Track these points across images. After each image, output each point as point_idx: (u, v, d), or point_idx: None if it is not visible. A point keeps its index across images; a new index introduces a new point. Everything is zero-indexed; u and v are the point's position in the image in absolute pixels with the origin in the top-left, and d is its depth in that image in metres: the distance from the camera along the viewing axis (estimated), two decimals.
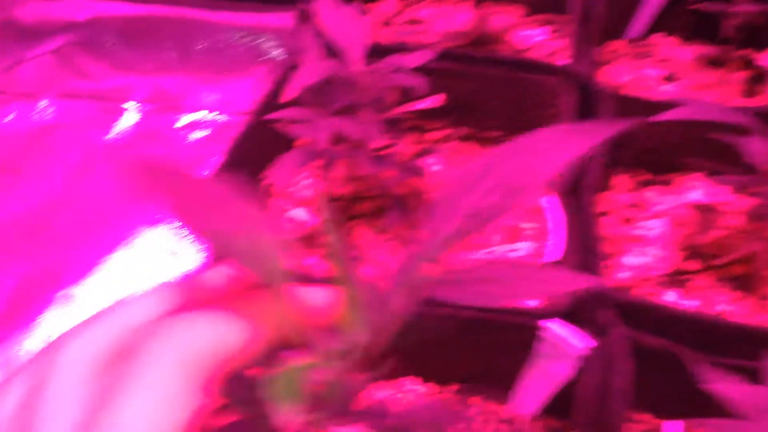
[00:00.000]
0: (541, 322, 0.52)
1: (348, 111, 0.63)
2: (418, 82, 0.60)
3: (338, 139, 0.63)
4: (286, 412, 0.28)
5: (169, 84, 1.19)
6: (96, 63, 1.20)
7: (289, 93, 0.58)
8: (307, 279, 0.30)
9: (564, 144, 0.26)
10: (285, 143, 0.78)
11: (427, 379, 0.60)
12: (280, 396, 0.28)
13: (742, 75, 0.88)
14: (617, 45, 0.94)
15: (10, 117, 1.17)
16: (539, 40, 0.92)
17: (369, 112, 0.63)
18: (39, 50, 1.21)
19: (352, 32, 0.61)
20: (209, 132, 1.17)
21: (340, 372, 0.32)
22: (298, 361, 0.27)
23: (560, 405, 0.55)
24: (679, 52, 0.92)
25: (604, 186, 0.74)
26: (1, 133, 1.14)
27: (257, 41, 1.17)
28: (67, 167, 1.08)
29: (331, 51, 0.63)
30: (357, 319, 0.29)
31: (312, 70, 0.58)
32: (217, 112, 1.19)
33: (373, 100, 0.64)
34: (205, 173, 1.01)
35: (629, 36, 0.94)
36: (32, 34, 1.20)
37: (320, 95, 0.62)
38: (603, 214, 0.71)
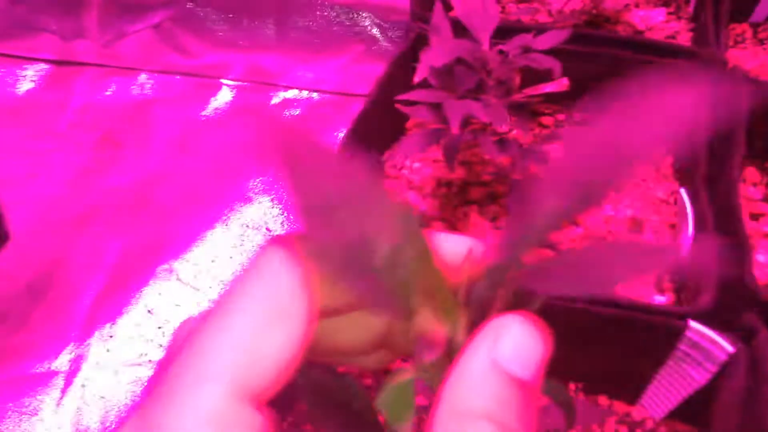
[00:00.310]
0: (682, 322, 0.49)
1: (471, 94, 0.62)
2: (553, 64, 0.58)
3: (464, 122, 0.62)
4: (400, 422, 0.27)
5: (265, 61, 1.19)
6: (195, 39, 1.21)
7: (419, 74, 0.56)
8: None
9: (682, 105, 0.23)
10: (396, 125, 0.76)
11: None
12: (392, 408, 0.26)
13: None
14: (741, 28, 0.89)
15: (110, 91, 1.19)
16: (659, 20, 0.88)
17: (496, 95, 0.61)
18: (140, 25, 1.22)
19: (482, 11, 0.59)
20: (303, 110, 1.17)
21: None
22: (407, 374, 0.26)
23: (691, 410, 0.53)
24: None
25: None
26: (101, 107, 1.16)
27: (356, 19, 1.16)
28: (166, 142, 1.10)
29: (458, 30, 0.62)
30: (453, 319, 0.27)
31: (442, 51, 0.57)
32: (312, 90, 1.19)
33: (498, 83, 0.62)
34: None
35: (753, 19, 0.90)
36: (134, 8, 1.21)
37: (447, 77, 0.60)
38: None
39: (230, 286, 0.23)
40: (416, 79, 0.59)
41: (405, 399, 0.26)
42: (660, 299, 0.60)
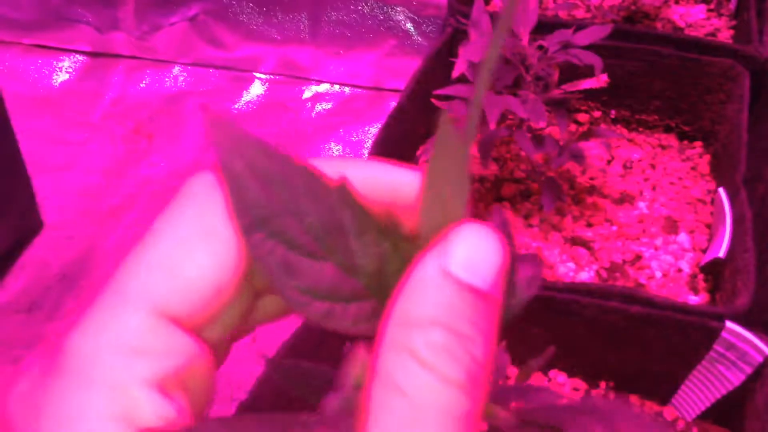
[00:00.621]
0: (718, 323, 0.49)
1: (509, 90, 0.61)
2: (595, 60, 0.57)
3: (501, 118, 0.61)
4: None
5: (298, 55, 1.20)
6: (229, 33, 1.22)
7: (457, 68, 0.56)
8: None
9: None
10: (432, 120, 0.76)
11: (573, 373, 0.57)
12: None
13: None
14: None
15: (144, 83, 1.21)
16: (700, 18, 0.87)
17: (532, 90, 0.61)
18: (175, 18, 1.23)
19: (522, 7, 0.59)
20: (335, 104, 1.17)
21: None
22: None
23: (724, 412, 0.52)
24: None
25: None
26: (135, 99, 1.17)
27: (389, 13, 1.16)
28: (198, 134, 1.11)
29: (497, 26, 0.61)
30: None
31: (480, 46, 0.56)
32: (345, 84, 1.19)
33: (536, 78, 0.61)
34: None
35: None
36: (169, 1, 1.22)
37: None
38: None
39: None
40: (455, 73, 0.59)
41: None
42: (694, 299, 0.59)
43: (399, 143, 0.65)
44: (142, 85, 1.21)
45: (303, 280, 0.21)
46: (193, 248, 0.20)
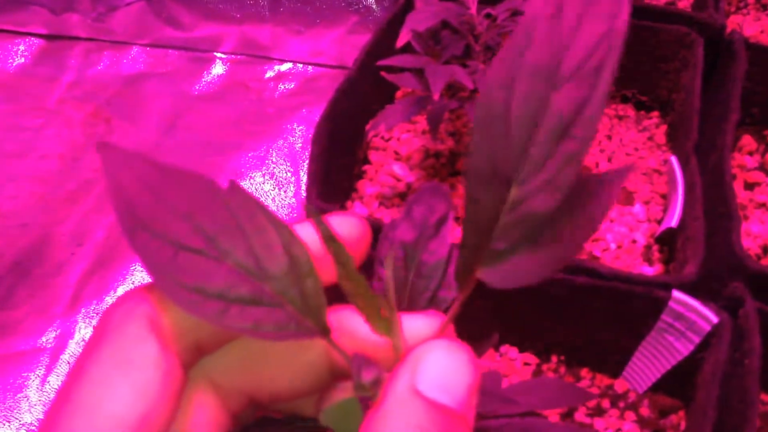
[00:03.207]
0: (666, 292, 0.48)
1: (458, 60, 0.60)
2: None
3: (445, 89, 0.60)
4: None
5: (259, 33, 1.17)
6: (187, 12, 1.19)
7: (402, 38, 0.54)
8: None
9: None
10: (386, 94, 0.75)
11: (525, 348, 0.56)
12: (338, 425, 0.25)
13: None
14: None
15: (102, 65, 1.18)
16: None
17: (481, 60, 0.59)
18: None
19: None
20: (298, 83, 1.15)
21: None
22: (347, 393, 0.24)
23: (675, 383, 0.51)
24: None
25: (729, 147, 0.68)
26: (92, 82, 1.14)
27: None
28: (158, 117, 1.08)
29: None
30: (387, 328, 0.25)
31: (426, 14, 0.55)
32: (307, 63, 1.17)
33: (486, 48, 0.60)
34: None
35: None
36: None
37: (433, 42, 0.58)
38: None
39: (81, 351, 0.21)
40: (399, 43, 0.57)
41: (352, 412, 0.25)
42: (648, 270, 0.58)
43: (349, 117, 0.64)
44: (99, 68, 1.18)
45: (191, 278, 0.21)
46: (114, 384, 0.19)
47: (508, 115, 0.20)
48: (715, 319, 0.46)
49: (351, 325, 0.24)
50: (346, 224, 0.24)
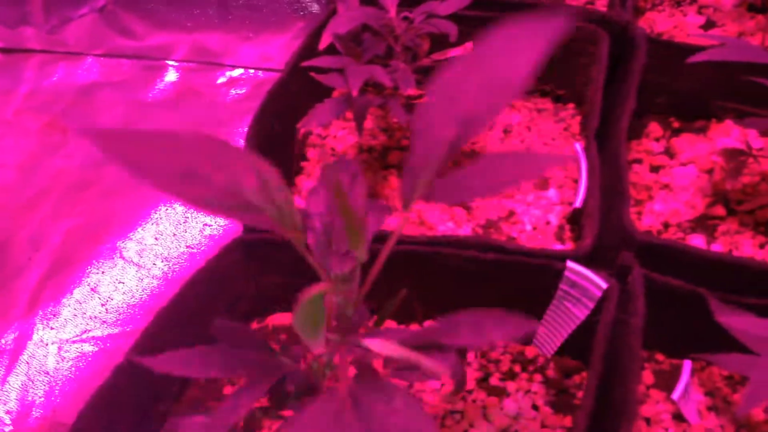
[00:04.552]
0: (562, 263, 0.53)
1: (381, 60, 0.65)
2: (450, 28, 0.61)
3: (372, 88, 0.64)
4: (314, 335, 0.31)
5: (209, 41, 1.21)
6: (139, 22, 1.23)
7: (324, 41, 0.59)
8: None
9: (531, 40, 0.27)
10: (322, 94, 0.79)
11: None
12: (306, 323, 0.31)
13: None
14: None
15: (57, 76, 1.21)
16: None
17: (402, 60, 0.64)
18: (84, 9, 1.24)
19: None
20: (249, 88, 1.19)
21: (349, 294, 0.35)
22: (314, 291, 0.30)
23: (578, 346, 0.56)
24: None
25: (637, 134, 0.74)
26: (48, 92, 1.18)
27: None
28: (112, 124, 1.12)
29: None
30: (357, 237, 0.33)
31: (346, 18, 0.59)
32: (258, 68, 1.21)
33: (405, 49, 0.65)
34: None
35: None
36: None
37: (355, 44, 0.63)
38: (635, 161, 0.71)
39: None
40: (321, 45, 0.62)
41: (316, 313, 0.31)
42: (560, 248, 0.64)
43: (280, 117, 0.68)
44: (54, 79, 1.21)
45: (193, 192, 0.30)
46: None
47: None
48: (604, 285, 0.51)
49: None
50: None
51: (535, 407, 0.54)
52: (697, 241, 0.62)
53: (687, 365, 0.54)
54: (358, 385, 0.32)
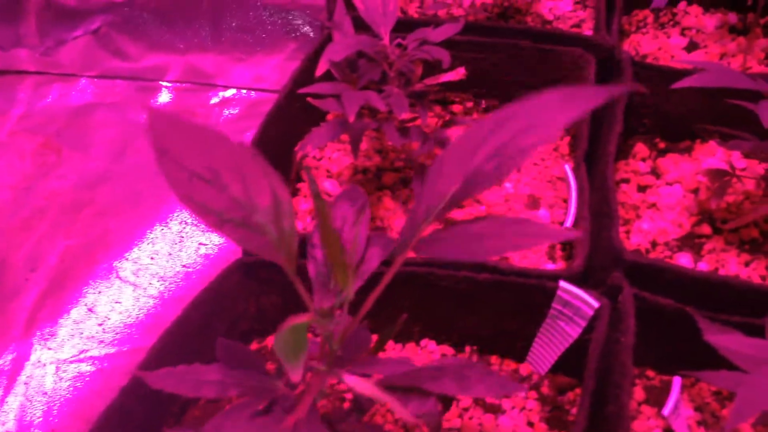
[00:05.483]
0: (555, 283, 0.55)
1: (376, 85, 0.66)
2: (443, 54, 0.63)
3: (367, 112, 0.66)
4: (293, 363, 0.33)
5: (202, 62, 1.23)
6: (133, 44, 1.24)
7: (320, 68, 0.61)
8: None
9: (558, 108, 0.29)
10: (317, 117, 0.81)
11: (442, 340, 0.63)
12: (287, 350, 0.32)
13: (765, 42, 0.88)
14: (643, 14, 0.95)
15: (51, 97, 1.22)
16: (567, 10, 0.94)
17: (396, 85, 0.66)
18: (78, 31, 1.25)
19: (381, 7, 0.64)
20: (242, 108, 1.21)
21: (336, 325, 0.36)
22: (297, 320, 0.31)
23: (571, 363, 0.58)
24: (703, 21, 0.93)
25: (625, 154, 0.76)
26: (42, 114, 1.19)
27: (288, 18, 1.20)
28: (106, 145, 1.13)
29: (362, 26, 0.66)
30: (345, 278, 0.34)
31: (342, 46, 0.61)
32: (250, 89, 1.23)
33: (399, 74, 0.67)
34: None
35: (654, 5, 0.96)
36: (71, 15, 1.24)
37: (350, 70, 0.65)
38: (623, 181, 0.73)
39: None
40: (318, 72, 0.64)
41: (298, 341, 0.32)
42: (551, 267, 0.65)
43: (278, 141, 0.70)
44: (48, 100, 1.23)
45: (199, 197, 0.32)
46: None
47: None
48: (596, 304, 0.53)
49: None
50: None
51: (530, 424, 0.56)
52: (684, 259, 0.64)
53: (677, 381, 0.55)
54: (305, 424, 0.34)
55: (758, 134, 0.62)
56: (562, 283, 0.54)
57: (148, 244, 0.95)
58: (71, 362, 0.80)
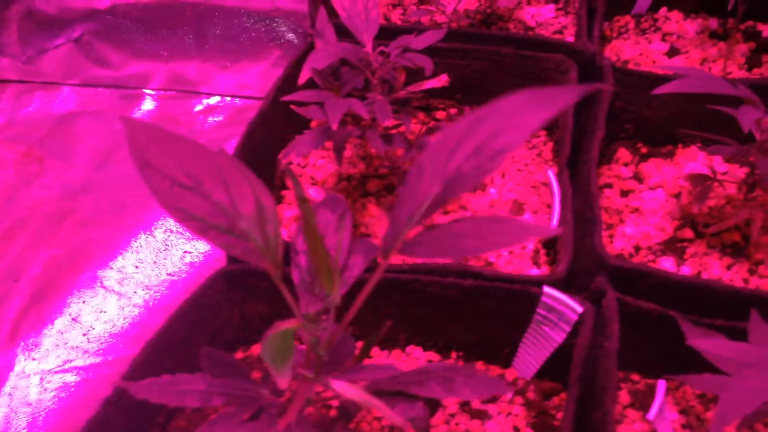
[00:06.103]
0: (539, 288, 0.55)
1: (359, 92, 0.66)
2: (425, 62, 0.63)
3: (350, 119, 0.66)
4: (280, 369, 0.33)
5: (186, 69, 1.23)
6: (115, 51, 1.24)
7: (303, 75, 0.61)
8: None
9: (530, 108, 0.29)
10: (301, 125, 0.81)
11: (428, 347, 0.63)
12: (273, 356, 0.32)
13: (745, 47, 0.89)
14: (624, 20, 0.96)
15: (34, 106, 1.21)
16: (549, 17, 0.95)
17: (379, 92, 0.66)
18: (60, 40, 1.24)
19: (364, 14, 0.64)
20: (226, 116, 1.21)
21: (322, 331, 0.37)
22: (284, 325, 0.31)
23: (557, 368, 0.58)
24: (684, 26, 0.94)
25: (607, 159, 0.76)
26: (24, 123, 1.18)
27: (272, 25, 1.20)
28: (89, 154, 1.12)
29: (344, 33, 0.66)
30: (330, 283, 0.34)
31: (325, 53, 0.61)
32: (234, 96, 1.23)
33: (382, 81, 0.67)
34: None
35: (635, 11, 0.96)
36: (53, 24, 1.24)
37: (333, 77, 0.65)
38: (606, 186, 0.74)
39: None
40: (300, 80, 0.64)
41: (285, 346, 0.32)
42: (536, 272, 0.66)
43: (262, 148, 0.70)
44: (31, 109, 1.22)
45: (181, 203, 0.32)
46: None
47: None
48: (580, 309, 0.53)
49: None
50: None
51: (516, 429, 0.56)
52: (667, 263, 0.64)
53: (661, 385, 0.56)
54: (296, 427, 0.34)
55: (739, 139, 0.63)
56: (547, 289, 0.54)
57: (132, 252, 0.94)
58: (56, 372, 0.80)
